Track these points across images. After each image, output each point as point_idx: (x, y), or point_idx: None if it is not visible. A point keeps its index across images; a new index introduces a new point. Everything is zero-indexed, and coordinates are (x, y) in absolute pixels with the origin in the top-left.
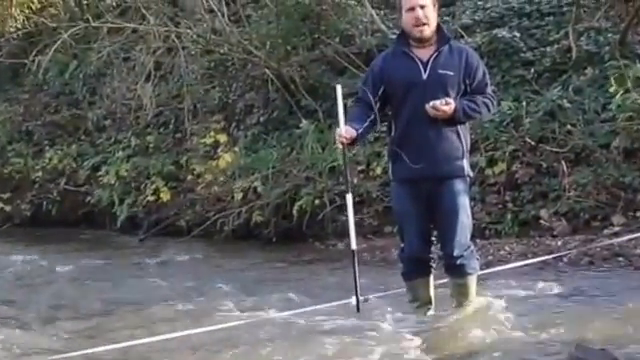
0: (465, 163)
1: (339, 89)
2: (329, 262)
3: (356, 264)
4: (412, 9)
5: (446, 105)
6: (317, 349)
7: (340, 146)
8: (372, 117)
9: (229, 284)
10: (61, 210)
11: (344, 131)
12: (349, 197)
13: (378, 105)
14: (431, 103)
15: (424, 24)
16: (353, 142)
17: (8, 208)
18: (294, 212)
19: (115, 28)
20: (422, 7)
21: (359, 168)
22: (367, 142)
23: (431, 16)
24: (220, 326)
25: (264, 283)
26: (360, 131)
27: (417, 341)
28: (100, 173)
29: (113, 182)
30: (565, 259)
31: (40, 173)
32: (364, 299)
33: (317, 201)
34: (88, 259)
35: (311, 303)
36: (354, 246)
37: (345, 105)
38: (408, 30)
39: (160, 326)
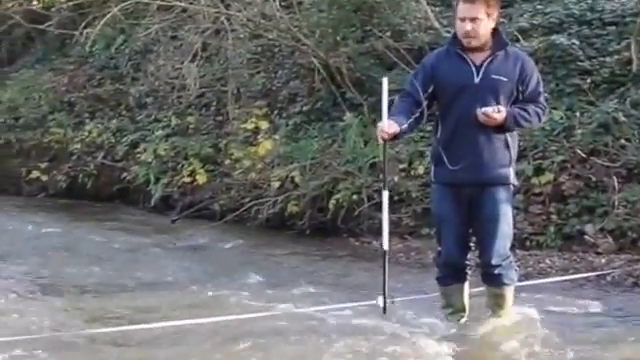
0: (511, 171)
1: (385, 82)
2: (362, 260)
3: (386, 264)
4: (462, 20)
5: (498, 113)
6: (339, 349)
7: (381, 140)
8: (418, 114)
9: (257, 273)
10: (96, 184)
11: (387, 125)
12: (385, 194)
13: (426, 103)
14: (482, 109)
15: (471, 37)
16: (395, 137)
17: (44, 178)
18: (330, 206)
19: (165, 6)
20: (472, 20)
21: (400, 166)
22: (411, 140)
23: (481, 29)
24: (236, 317)
25: (293, 275)
26: (403, 127)
27: (446, 349)
28: (138, 150)
29: (150, 160)
30: (608, 278)
31: (79, 145)
32: (391, 301)
33: (355, 196)
34: (118, 236)
35: (338, 300)
36: (386, 246)
37: (391, 101)
38: (459, 36)
39: (178, 311)
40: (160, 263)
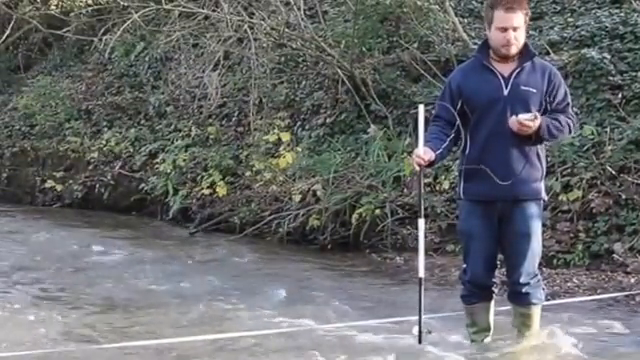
0: (542, 186)
1: (421, 109)
2: (384, 276)
3: (422, 293)
4: (505, 29)
5: (534, 120)
6: None
7: (417, 167)
8: (452, 136)
9: (276, 289)
10: (113, 195)
11: (422, 152)
12: (421, 222)
13: (458, 122)
14: (519, 116)
15: (512, 44)
16: (431, 164)
17: (60, 187)
18: (353, 220)
19: (187, 13)
20: (515, 29)
21: (425, 181)
22: None
23: (521, 37)
24: (255, 332)
25: (313, 291)
26: (439, 151)
27: None
28: (157, 160)
29: (169, 171)
30: (637, 298)
31: (96, 154)
32: (427, 331)
33: (378, 211)
34: (135, 248)
35: (359, 317)
36: (422, 274)
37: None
38: (494, 46)
39: (195, 326)
40: (178, 277)
